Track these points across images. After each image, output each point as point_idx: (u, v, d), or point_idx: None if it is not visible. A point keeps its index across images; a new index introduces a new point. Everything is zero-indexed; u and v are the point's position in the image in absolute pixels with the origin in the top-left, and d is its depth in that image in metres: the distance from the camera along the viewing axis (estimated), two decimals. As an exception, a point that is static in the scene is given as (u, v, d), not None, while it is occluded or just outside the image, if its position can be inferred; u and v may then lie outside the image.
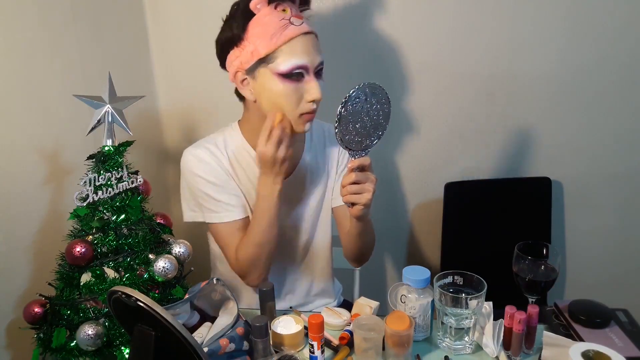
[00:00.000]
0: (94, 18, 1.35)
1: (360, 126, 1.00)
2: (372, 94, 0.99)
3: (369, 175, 1.02)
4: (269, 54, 1.02)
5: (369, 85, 0.98)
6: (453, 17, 1.55)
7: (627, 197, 1.71)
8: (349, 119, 0.98)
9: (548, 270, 1.00)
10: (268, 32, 1.01)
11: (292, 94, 1.04)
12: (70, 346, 0.94)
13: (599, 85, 1.59)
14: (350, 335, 1.02)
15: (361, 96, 0.98)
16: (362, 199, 1.02)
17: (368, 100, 0.99)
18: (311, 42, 1.04)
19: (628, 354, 0.89)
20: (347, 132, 0.99)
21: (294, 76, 1.03)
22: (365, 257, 1.29)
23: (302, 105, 1.05)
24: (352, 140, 1.01)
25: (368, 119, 1.01)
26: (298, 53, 1.02)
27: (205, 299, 1.01)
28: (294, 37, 1.02)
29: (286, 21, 1.02)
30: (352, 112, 0.98)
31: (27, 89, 1.11)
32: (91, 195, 0.95)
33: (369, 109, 1.00)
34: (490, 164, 1.71)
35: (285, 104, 1.05)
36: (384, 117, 1.03)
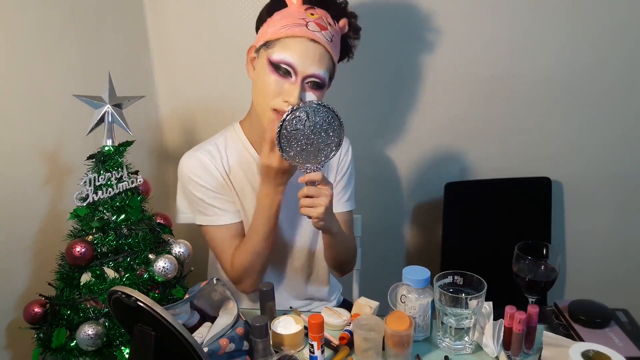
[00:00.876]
0: (94, 18, 1.35)
1: (304, 142, 1.01)
2: (315, 112, 1.00)
3: (321, 190, 1.02)
4: (272, 40, 1.05)
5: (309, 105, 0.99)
6: (453, 18, 1.55)
7: (627, 197, 1.71)
8: (290, 137, 0.99)
9: (548, 270, 1.00)
10: (283, 22, 1.05)
11: (273, 85, 1.05)
12: (70, 346, 0.94)
13: (598, 85, 1.59)
14: (350, 335, 1.02)
15: (301, 115, 0.99)
16: (314, 212, 1.02)
17: (311, 119, 1.00)
18: (314, 50, 1.04)
19: (628, 354, 0.89)
20: (290, 148, 1.00)
21: (281, 70, 1.04)
22: (343, 268, 1.30)
23: (277, 100, 1.06)
24: (297, 156, 1.01)
25: (314, 136, 1.01)
26: (292, 51, 1.03)
27: (205, 299, 1.01)
28: (298, 36, 1.03)
29: (304, 22, 1.04)
30: (293, 131, 0.99)
31: (27, 89, 1.11)
32: (91, 195, 0.95)
33: (314, 126, 1.00)
34: (490, 164, 1.71)
35: (264, 91, 1.07)
36: (334, 134, 1.02)
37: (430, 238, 1.81)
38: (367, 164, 1.69)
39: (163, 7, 1.60)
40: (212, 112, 1.67)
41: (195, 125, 1.70)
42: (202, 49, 1.58)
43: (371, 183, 1.73)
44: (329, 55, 1.06)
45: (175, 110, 1.72)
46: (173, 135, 1.74)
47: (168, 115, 1.73)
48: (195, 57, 1.63)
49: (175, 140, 1.74)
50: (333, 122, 1.02)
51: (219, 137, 1.20)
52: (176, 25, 1.62)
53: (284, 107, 1.04)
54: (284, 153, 1.00)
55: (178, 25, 1.61)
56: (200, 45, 1.59)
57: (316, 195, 1.02)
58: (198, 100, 1.69)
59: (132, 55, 1.57)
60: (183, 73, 1.67)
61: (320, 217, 1.03)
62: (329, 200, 1.02)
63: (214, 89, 1.62)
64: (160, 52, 1.65)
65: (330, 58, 1.07)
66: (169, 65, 1.67)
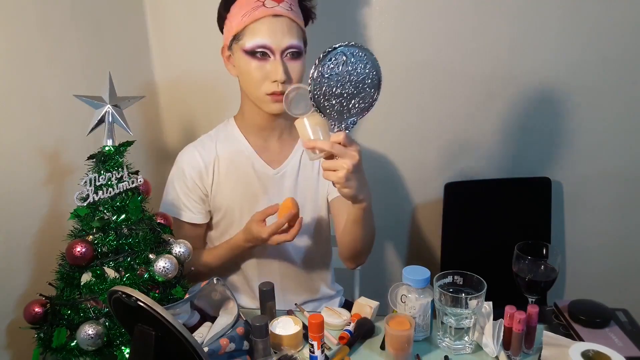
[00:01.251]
0: (94, 18, 1.35)
1: (340, 92, 0.89)
2: (353, 55, 0.88)
3: (347, 151, 0.91)
4: (239, 31, 1.08)
5: (350, 46, 0.88)
6: (453, 17, 1.55)
7: (627, 197, 1.71)
8: (324, 82, 0.88)
9: (548, 270, 1.00)
10: (242, 12, 1.07)
11: (256, 72, 1.08)
12: (71, 346, 0.93)
13: (598, 85, 1.59)
14: (350, 335, 1.02)
15: (339, 58, 0.87)
16: (332, 176, 0.92)
17: (348, 63, 0.88)
18: (281, 24, 1.06)
19: (628, 354, 0.89)
20: (323, 97, 0.88)
21: (258, 54, 1.07)
22: (361, 255, 1.22)
23: (266, 84, 1.09)
24: (330, 107, 0.90)
25: (350, 85, 0.90)
26: (261, 33, 1.06)
27: (205, 298, 1.01)
28: (261, 17, 1.06)
29: (260, 3, 1.06)
30: (329, 76, 0.87)
31: (27, 89, 1.11)
32: (91, 195, 0.95)
33: (350, 72, 0.89)
34: (490, 164, 1.72)
35: (251, 81, 1.10)
36: (371, 86, 0.92)
37: (430, 238, 1.82)
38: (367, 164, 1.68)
39: (163, 7, 1.60)
40: (212, 112, 1.67)
41: (195, 125, 1.70)
42: (202, 49, 1.58)
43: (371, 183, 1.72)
44: (295, 24, 1.09)
45: (175, 110, 1.72)
46: (173, 135, 1.74)
47: (168, 115, 1.73)
48: (196, 57, 1.63)
49: (175, 140, 1.75)
50: (371, 72, 0.91)
51: (214, 130, 1.26)
52: (176, 26, 1.62)
53: (275, 87, 1.07)
54: (314, 102, 0.88)
55: (178, 25, 1.61)
56: (200, 45, 1.59)
57: (340, 155, 0.91)
58: (198, 100, 1.69)
59: (132, 55, 1.57)
60: (183, 73, 1.67)
61: (340, 181, 0.92)
62: (353, 163, 0.91)
63: (214, 89, 1.62)
64: (160, 51, 1.65)
65: (297, 25, 1.10)
66: (169, 65, 1.67)
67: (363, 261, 1.26)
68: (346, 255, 1.22)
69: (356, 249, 1.19)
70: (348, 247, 1.19)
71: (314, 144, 0.92)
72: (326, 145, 0.91)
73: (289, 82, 1.08)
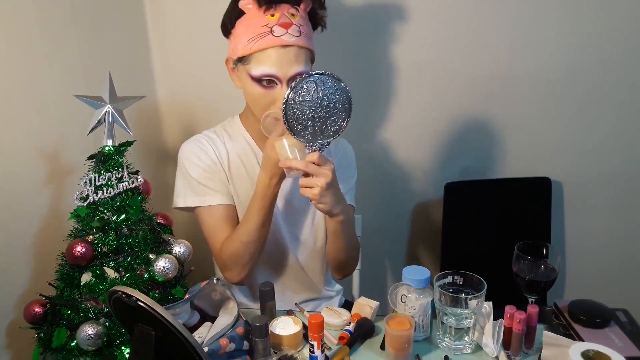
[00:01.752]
0: (94, 18, 1.35)
1: (312, 116, 0.96)
2: (324, 83, 0.95)
3: (320, 170, 0.97)
4: (245, 56, 1.05)
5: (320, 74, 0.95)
6: (453, 17, 1.55)
7: (627, 197, 1.71)
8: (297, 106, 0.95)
9: (548, 270, 1.00)
10: (248, 36, 1.04)
11: (262, 99, 1.07)
12: (71, 346, 0.94)
13: (599, 85, 1.59)
14: (350, 335, 1.02)
15: (310, 85, 0.95)
16: (309, 192, 0.98)
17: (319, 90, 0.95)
18: (289, 54, 1.03)
19: (628, 354, 0.89)
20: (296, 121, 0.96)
21: (265, 82, 1.05)
22: (345, 266, 1.26)
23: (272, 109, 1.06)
24: (303, 130, 0.97)
25: (321, 109, 0.97)
26: (269, 63, 1.03)
27: (205, 298, 1.01)
28: (267, 47, 1.02)
29: (267, 29, 1.02)
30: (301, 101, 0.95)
31: (27, 89, 1.11)
32: (91, 195, 0.95)
33: (321, 98, 0.96)
34: (490, 164, 1.72)
35: (256, 104, 1.09)
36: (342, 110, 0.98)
37: (430, 238, 1.81)
38: (367, 164, 1.69)
39: (163, 7, 1.60)
40: (213, 112, 1.67)
41: (196, 125, 1.70)
42: (202, 49, 1.58)
43: (371, 183, 1.73)
44: (303, 50, 1.06)
45: (175, 110, 1.72)
46: (173, 135, 1.74)
47: (168, 115, 1.73)
48: (196, 57, 1.63)
49: (175, 140, 1.74)
50: (341, 97, 0.98)
51: (218, 127, 1.24)
52: (176, 25, 1.62)
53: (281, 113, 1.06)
54: (288, 126, 0.96)
55: (178, 25, 1.61)
56: (200, 45, 1.59)
57: (315, 174, 0.97)
58: (198, 100, 1.69)
59: (132, 55, 1.57)
60: (183, 73, 1.67)
61: (315, 198, 0.98)
62: (327, 181, 0.97)
63: (215, 89, 1.62)
64: (160, 52, 1.65)
65: (305, 50, 1.07)
66: (169, 65, 1.67)
67: (349, 272, 1.31)
68: (332, 265, 1.27)
69: (340, 260, 1.23)
70: (331, 257, 1.24)
71: (289, 164, 0.98)
72: (301, 165, 0.97)
73: None
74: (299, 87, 0.94)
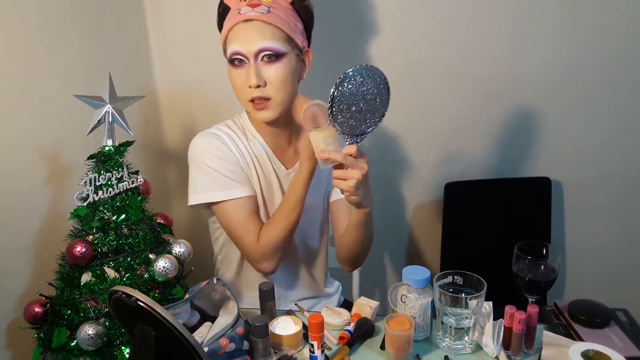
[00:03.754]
0: (94, 18, 1.35)
1: (355, 109, 0.96)
2: (369, 76, 0.94)
3: (357, 162, 0.98)
4: (223, 44, 1.11)
5: (366, 68, 0.94)
6: (453, 17, 1.55)
7: (627, 197, 1.71)
8: (343, 100, 0.94)
9: (548, 270, 1.00)
10: (225, 26, 1.09)
11: (236, 79, 1.09)
12: (71, 346, 0.94)
13: (598, 85, 1.59)
14: (350, 335, 1.02)
15: (357, 77, 0.93)
16: (344, 185, 0.99)
17: (365, 83, 0.94)
18: (252, 28, 1.05)
19: (628, 354, 0.89)
20: (341, 114, 0.95)
21: (236, 62, 1.07)
22: (359, 259, 1.25)
23: (246, 91, 1.08)
24: (346, 123, 0.96)
25: (364, 102, 0.96)
26: (234, 40, 1.07)
27: (205, 298, 1.01)
28: (233, 25, 1.06)
29: (237, 10, 1.06)
30: (348, 94, 0.94)
31: (27, 89, 1.11)
32: (91, 195, 0.95)
33: (365, 92, 0.95)
34: (490, 164, 1.72)
35: (235, 89, 1.11)
36: (382, 104, 0.98)
37: (430, 238, 1.82)
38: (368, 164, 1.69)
39: (163, 7, 1.60)
40: (213, 112, 1.67)
41: (196, 125, 1.70)
42: (203, 49, 1.58)
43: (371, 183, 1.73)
44: (270, 26, 1.05)
45: (175, 110, 1.72)
46: (173, 135, 1.74)
47: (168, 115, 1.73)
48: (196, 57, 1.63)
49: (175, 140, 1.75)
50: (383, 91, 0.97)
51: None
52: (176, 26, 1.62)
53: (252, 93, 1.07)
54: (332, 118, 0.95)
55: (178, 25, 1.61)
56: (200, 45, 1.59)
57: (352, 166, 0.97)
58: (198, 100, 1.69)
59: (132, 55, 1.57)
60: (183, 73, 1.67)
61: (350, 190, 0.98)
62: (362, 173, 0.97)
63: (215, 89, 1.62)
64: (160, 51, 1.65)
65: (273, 27, 1.06)
66: (169, 65, 1.67)
67: (360, 264, 1.29)
68: (345, 258, 1.24)
69: (355, 252, 1.21)
70: (347, 249, 1.21)
71: (328, 155, 0.97)
72: (339, 157, 0.97)
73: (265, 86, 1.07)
74: (347, 80, 0.93)
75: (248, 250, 1.15)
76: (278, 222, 1.12)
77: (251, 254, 1.15)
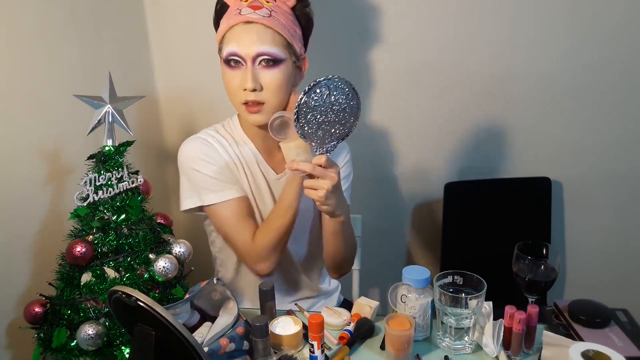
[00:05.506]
0: (94, 18, 1.35)
1: (322, 119, 0.97)
2: (337, 87, 0.95)
3: (326, 172, 0.98)
4: (219, 41, 1.09)
5: (335, 79, 0.95)
6: (453, 17, 1.55)
7: (627, 197, 1.71)
8: (309, 110, 0.95)
9: (548, 270, 1.00)
10: (223, 24, 1.08)
11: (231, 81, 1.08)
12: (71, 346, 0.94)
13: (599, 85, 1.59)
14: (350, 335, 1.02)
15: (323, 89, 0.94)
16: (314, 194, 1.00)
17: (332, 94, 0.96)
18: (252, 31, 1.04)
19: (628, 354, 0.89)
20: (307, 123, 0.96)
21: (232, 62, 1.07)
22: (342, 266, 1.26)
23: (240, 94, 1.08)
24: (314, 133, 0.97)
25: (332, 113, 0.97)
26: (232, 41, 1.06)
27: (205, 298, 1.01)
28: (233, 25, 1.05)
29: (237, 11, 1.06)
30: (314, 105, 0.95)
31: (27, 89, 1.11)
32: (91, 195, 0.95)
33: (333, 102, 0.96)
34: (490, 164, 1.72)
35: (228, 90, 1.10)
36: (351, 114, 0.99)
37: (430, 238, 1.82)
38: (367, 164, 1.69)
39: (163, 6, 1.60)
40: (213, 112, 1.67)
41: (196, 125, 1.70)
42: (203, 49, 1.58)
43: (371, 183, 1.73)
44: (271, 30, 1.05)
45: (175, 110, 1.72)
46: (173, 135, 1.74)
47: (168, 115, 1.73)
48: (196, 57, 1.63)
49: (175, 140, 1.75)
50: (352, 102, 0.98)
51: (218, 127, 1.22)
52: (176, 26, 1.62)
53: (246, 96, 1.07)
54: (299, 129, 0.96)
55: (178, 25, 1.61)
56: (200, 45, 1.58)
57: (322, 176, 0.98)
58: (198, 100, 1.69)
59: (132, 55, 1.57)
60: (183, 73, 1.67)
61: (320, 200, 1.00)
62: (333, 183, 0.98)
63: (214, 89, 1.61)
64: (161, 52, 1.65)
65: (273, 32, 1.06)
66: (169, 65, 1.67)
67: (346, 271, 1.30)
68: (329, 265, 1.26)
69: (337, 259, 1.22)
70: (328, 256, 1.22)
71: (297, 166, 0.99)
72: (307, 167, 0.98)
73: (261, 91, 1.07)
74: (313, 92, 0.94)
75: (242, 252, 1.16)
76: (272, 223, 1.13)
77: (246, 255, 1.16)
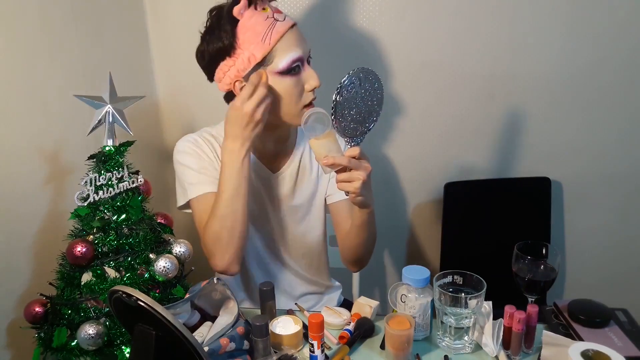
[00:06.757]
0: (94, 18, 1.35)
1: (355, 112, 0.98)
2: (366, 78, 0.97)
3: (361, 164, 0.99)
4: (266, 56, 1.03)
5: (362, 70, 0.96)
6: (453, 17, 1.55)
7: (627, 197, 1.71)
8: (345, 105, 0.96)
9: (547, 270, 1.00)
10: (259, 35, 1.02)
11: (294, 88, 1.06)
12: (71, 346, 0.94)
13: (598, 85, 1.59)
14: (350, 334, 1.02)
15: (355, 82, 0.95)
16: (350, 187, 0.99)
17: (362, 86, 0.97)
18: (298, 33, 1.06)
19: (627, 353, 0.89)
20: (343, 119, 0.97)
21: (293, 70, 1.05)
22: (364, 258, 1.25)
23: (303, 97, 1.08)
24: (347, 127, 0.98)
25: (363, 104, 0.98)
26: (292, 47, 1.04)
27: (205, 298, 1.01)
28: (284, 33, 1.03)
29: (271, 19, 1.04)
30: (347, 99, 0.96)
31: (27, 89, 1.11)
32: (92, 195, 0.95)
33: (363, 94, 0.97)
34: (490, 164, 1.72)
35: (289, 99, 1.07)
36: (378, 103, 1.01)
37: (430, 238, 1.82)
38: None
39: (163, 7, 1.60)
40: (213, 112, 1.67)
41: (196, 125, 1.70)
42: (203, 49, 1.58)
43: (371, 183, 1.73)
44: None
45: (175, 110, 1.72)
46: (173, 135, 1.74)
47: (168, 115, 1.73)
48: (196, 57, 1.63)
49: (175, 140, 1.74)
50: (378, 90, 0.99)
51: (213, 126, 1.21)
52: (176, 26, 1.62)
53: (312, 96, 1.08)
54: (336, 123, 0.96)
55: (178, 25, 1.61)
56: (200, 45, 1.59)
57: (355, 168, 0.98)
58: (198, 100, 1.69)
59: (132, 55, 1.57)
60: (183, 73, 1.67)
61: (356, 191, 0.99)
62: (367, 173, 0.99)
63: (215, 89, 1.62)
64: (160, 52, 1.65)
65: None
66: (169, 65, 1.67)
67: (366, 263, 1.28)
68: (350, 258, 1.25)
69: (359, 252, 1.22)
70: (352, 250, 1.22)
71: (333, 161, 0.98)
72: (344, 160, 0.97)
73: None
74: (346, 86, 0.94)
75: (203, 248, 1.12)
76: (212, 212, 1.07)
77: (204, 249, 1.12)
